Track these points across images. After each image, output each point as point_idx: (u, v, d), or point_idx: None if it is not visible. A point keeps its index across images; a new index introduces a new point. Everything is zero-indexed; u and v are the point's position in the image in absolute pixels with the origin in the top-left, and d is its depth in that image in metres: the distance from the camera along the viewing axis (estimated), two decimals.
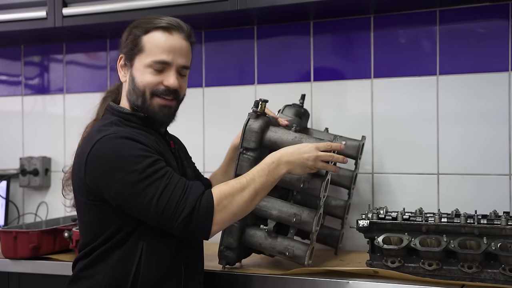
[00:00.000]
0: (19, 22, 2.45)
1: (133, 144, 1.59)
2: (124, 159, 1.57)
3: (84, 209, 1.69)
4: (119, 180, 1.56)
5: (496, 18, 2.14)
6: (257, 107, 1.84)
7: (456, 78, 2.18)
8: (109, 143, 1.59)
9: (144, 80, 1.68)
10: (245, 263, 1.98)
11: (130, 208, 1.58)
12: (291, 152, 1.69)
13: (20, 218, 2.79)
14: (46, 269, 2.10)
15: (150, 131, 1.71)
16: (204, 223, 1.55)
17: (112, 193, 1.58)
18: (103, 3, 2.32)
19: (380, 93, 2.28)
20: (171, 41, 1.69)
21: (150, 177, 1.55)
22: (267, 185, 1.65)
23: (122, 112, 1.71)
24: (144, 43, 1.68)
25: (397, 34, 2.27)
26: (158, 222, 1.56)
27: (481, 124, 2.15)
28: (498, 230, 1.72)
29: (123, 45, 1.74)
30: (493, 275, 1.72)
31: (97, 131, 1.65)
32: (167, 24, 1.70)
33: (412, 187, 2.22)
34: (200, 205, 1.55)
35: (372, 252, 1.85)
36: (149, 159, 1.57)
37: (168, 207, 1.54)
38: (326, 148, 1.72)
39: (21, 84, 2.87)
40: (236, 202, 1.59)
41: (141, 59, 1.69)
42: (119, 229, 1.62)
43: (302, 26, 2.39)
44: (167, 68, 1.69)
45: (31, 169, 2.75)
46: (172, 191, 1.55)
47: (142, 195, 1.55)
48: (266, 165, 1.66)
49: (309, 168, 1.71)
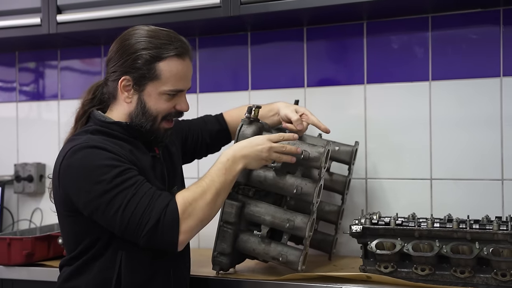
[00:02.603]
0: (14, 28, 2.45)
1: (102, 153, 1.57)
2: (93, 169, 1.55)
3: (62, 220, 1.68)
4: (87, 191, 1.55)
5: (488, 24, 2.15)
6: (250, 113, 1.85)
7: (449, 83, 2.19)
8: (79, 153, 1.57)
9: (159, 107, 1.68)
10: (239, 269, 1.98)
11: (99, 218, 1.57)
12: (244, 146, 1.69)
13: (14, 225, 2.79)
14: (40, 275, 2.10)
15: (132, 140, 1.69)
16: (170, 234, 1.53)
17: (81, 203, 1.57)
18: (97, 10, 2.32)
19: (373, 98, 2.29)
20: (186, 68, 1.70)
21: (117, 187, 1.53)
22: (226, 184, 1.64)
23: (104, 122, 1.69)
24: (161, 71, 1.66)
25: (390, 40, 2.28)
26: (123, 233, 1.55)
27: (474, 129, 2.16)
28: (490, 235, 1.73)
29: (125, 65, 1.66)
30: (485, 280, 1.73)
31: (70, 140, 1.65)
32: (181, 51, 1.68)
33: (405, 192, 2.23)
34: (165, 217, 1.53)
35: (365, 257, 1.86)
36: (118, 168, 1.55)
37: (133, 219, 1.52)
38: (278, 139, 1.73)
39: (16, 91, 2.87)
40: (201, 206, 1.57)
41: (156, 86, 1.67)
42: (96, 239, 1.62)
43: (295, 32, 2.40)
44: (180, 93, 1.71)
45: (25, 176, 2.75)
46: (138, 202, 1.53)
47: (109, 206, 1.53)
48: (222, 164, 1.65)
49: (264, 160, 1.71)
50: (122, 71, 1.67)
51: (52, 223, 2.56)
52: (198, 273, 1.90)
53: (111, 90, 1.72)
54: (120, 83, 1.67)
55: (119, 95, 1.70)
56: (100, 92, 1.77)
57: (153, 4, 2.24)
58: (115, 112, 1.72)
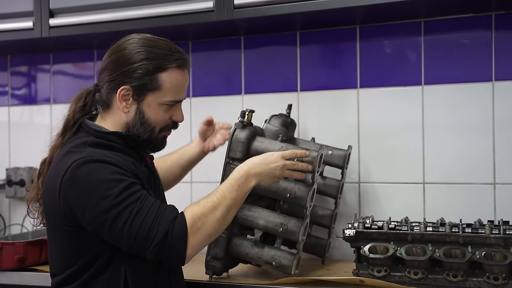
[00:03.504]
0: (6, 32, 2.44)
1: (108, 167, 1.55)
2: (98, 184, 1.53)
3: (58, 235, 1.65)
4: (93, 206, 1.52)
5: (480, 28, 2.16)
6: (243, 117, 1.85)
7: (441, 88, 2.20)
8: (84, 167, 1.54)
9: (158, 118, 1.68)
10: (232, 273, 1.98)
11: (105, 234, 1.54)
12: (258, 164, 1.68)
13: (6, 229, 2.77)
14: (32, 280, 2.08)
15: (129, 151, 1.68)
16: (178, 248, 1.52)
17: (86, 218, 1.54)
18: (89, 14, 2.31)
19: (366, 103, 2.29)
20: (185, 80, 1.71)
21: (123, 202, 1.51)
22: (238, 200, 1.63)
23: (101, 132, 1.67)
24: (162, 82, 1.65)
25: (383, 44, 2.29)
26: (131, 248, 1.53)
27: (466, 134, 2.17)
28: (483, 238, 1.74)
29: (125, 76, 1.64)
30: (478, 284, 1.73)
31: (69, 153, 1.60)
32: (182, 62, 1.69)
33: (398, 196, 2.24)
34: (173, 230, 1.51)
35: (358, 262, 1.86)
36: (124, 183, 1.54)
37: (141, 233, 1.50)
38: (291, 156, 1.73)
39: (8, 95, 2.86)
40: (210, 222, 1.56)
41: (157, 97, 1.66)
42: (96, 255, 1.59)
43: (289, 36, 2.40)
44: (177, 104, 1.71)
45: (17, 180, 2.73)
46: (145, 216, 1.51)
47: (116, 221, 1.51)
48: (235, 180, 1.64)
49: (277, 178, 1.71)
50: (120, 81, 1.65)
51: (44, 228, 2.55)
52: (191, 278, 1.89)
53: (104, 98, 1.70)
54: (119, 92, 1.65)
55: (114, 104, 1.68)
56: (91, 99, 1.74)
57: (146, 9, 2.24)
58: (109, 122, 1.69)
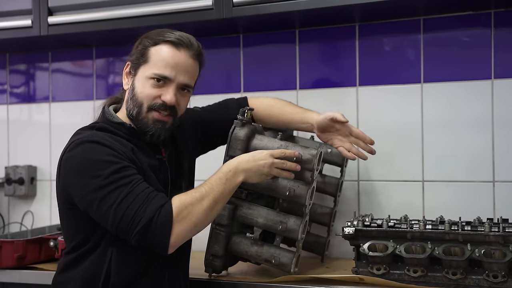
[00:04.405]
0: (4, 30, 2.44)
1: (103, 149, 1.58)
2: (91, 163, 1.56)
3: (61, 212, 1.69)
4: (84, 184, 1.56)
5: (479, 26, 2.16)
6: (243, 115, 1.85)
7: (440, 86, 2.20)
8: (80, 146, 1.59)
9: (144, 92, 1.68)
10: (232, 271, 1.98)
11: (93, 213, 1.57)
12: (247, 160, 1.69)
13: (5, 228, 2.77)
14: (32, 278, 2.08)
15: (134, 140, 1.69)
16: (162, 235, 1.52)
17: (77, 197, 1.58)
18: (88, 12, 2.31)
19: (365, 101, 2.29)
20: (177, 57, 1.68)
21: (113, 184, 1.54)
22: (225, 194, 1.64)
23: (110, 121, 1.71)
24: (151, 55, 1.68)
25: (382, 42, 2.29)
26: (116, 230, 1.55)
27: (465, 132, 2.17)
28: (482, 236, 1.74)
29: (132, 52, 1.73)
30: (477, 282, 1.73)
31: (75, 134, 1.67)
32: (177, 40, 1.68)
33: (397, 194, 2.24)
34: (158, 216, 1.52)
35: (357, 259, 1.86)
36: (116, 165, 1.56)
37: (126, 216, 1.52)
38: (280, 155, 1.73)
39: (7, 93, 2.86)
40: (196, 211, 1.57)
41: (145, 70, 1.68)
42: (90, 235, 1.62)
43: (287, 34, 2.40)
44: (168, 83, 1.68)
45: (16, 178, 2.73)
46: (133, 200, 1.53)
47: (103, 201, 1.53)
48: (223, 174, 1.66)
49: (265, 175, 1.72)
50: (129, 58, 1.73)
51: (43, 226, 2.55)
52: (191, 276, 1.89)
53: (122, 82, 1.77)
54: (124, 69, 1.73)
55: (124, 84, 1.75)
56: None
57: (145, 7, 2.24)
58: (123, 107, 1.75)
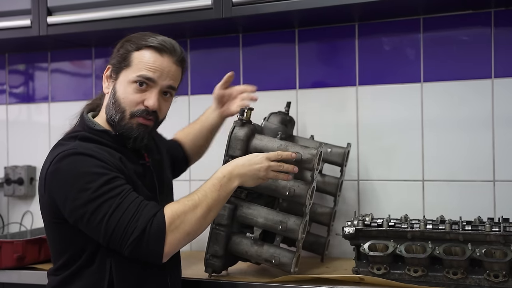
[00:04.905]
0: (3, 30, 2.43)
1: (90, 160, 1.54)
2: (80, 176, 1.52)
3: (47, 227, 1.66)
4: (73, 198, 1.52)
5: (479, 25, 2.16)
6: (242, 115, 1.84)
7: (440, 85, 2.19)
8: (67, 159, 1.55)
9: (127, 97, 1.64)
10: (232, 271, 1.97)
11: (84, 227, 1.54)
12: (242, 164, 1.65)
13: (4, 228, 2.77)
14: (31, 279, 2.08)
15: (119, 147, 1.66)
16: (155, 246, 1.50)
17: (67, 211, 1.54)
18: (87, 12, 2.30)
19: (365, 100, 2.29)
20: (159, 62, 1.65)
21: (103, 196, 1.50)
22: (219, 200, 1.61)
23: (92, 129, 1.67)
24: (133, 59, 1.65)
25: (382, 41, 2.28)
26: (108, 243, 1.52)
27: (465, 131, 2.16)
28: (483, 236, 1.74)
29: (113, 56, 1.70)
30: (478, 281, 1.73)
31: (58, 146, 1.63)
32: (159, 45, 1.66)
33: (397, 194, 2.23)
34: (151, 227, 1.50)
35: (358, 259, 1.86)
36: (105, 176, 1.53)
37: (118, 228, 1.49)
38: (277, 157, 1.69)
39: (6, 93, 2.85)
40: (189, 220, 1.54)
41: (127, 74, 1.65)
42: (82, 249, 1.59)
43: (287, 34, 2.40)
44: (150, 87, 1.65)
45: (15, 178, 2.73)
46: (124, 211, 1.50)
47: (94, 215, 1.50)
48: (217, 180, 1.61)
49: (261, 179, 1.68)
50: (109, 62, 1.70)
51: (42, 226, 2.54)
52: (190, 276, 1.89)
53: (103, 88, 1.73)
54: (105, 73, 1.70)
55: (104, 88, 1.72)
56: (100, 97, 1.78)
57: (144, 6, 2.23)
58: (102, 111, 1.71)
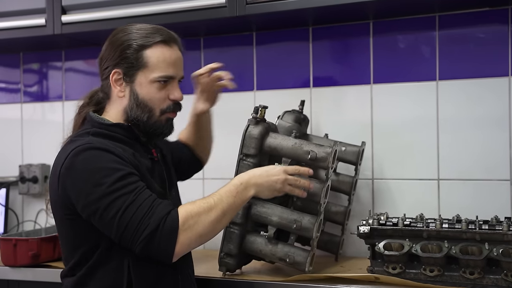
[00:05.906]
0: (18, 29, 2.45)
1: (106, 155, 1.54)
2: (95, 171, 1.52)
3: (60, 224, 1.65)
4: (87, 193, 1.52)
5: (496, 23, 2.14)
6: (256, 113, 1.84)
7: (456, 83, 2.17)
8: (82, 154, 1.54)
9: (153, 96, 1.66)
10: (246, 269, 1.97)
11: (97, 222, 1.53)
12: (259, 175, 1.66)
13: (19, 226, 2.78)
14: (46, 276, 2.09)
15: (133, 142, 1.67)
16: (167, 244, 1.50)
17: (80, 205, 1.54)
18: (102, 11, 2.31)
19: (380, 98, 2.27)
20: (174, 55, 1.69)
21: (117, 191, 1.50)
22: (234, 207, 1.61)
23: (103, 124, 1.66)
24: (148, 58, 1.65)
25: (396, 39, 2.27)
26: (120, 239, 1.51)
27: (481, 129, 2.14)
28: (500, 235, 1.72)
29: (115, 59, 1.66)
30: (495, 281, 1.71)
31: (71, 142, 1.63)
32: (168, 38, 1.68)
33: (412, 193, 2.21)
34: (164, 225, 1.49)
35: (373, 258, 1.85)
36: (121, 172, 1.53)
37: (131, 225, 1.49)
38: (294, 171, 1.70)
39: (20, 92, 2.87)
40: (203, 222, 1.54)
41: (146, 75, 1.65)
42: (95, 246, 1.58)
43: (301, 32, 2.39)
44: (171, 82, 1.68)
45: (30, 177, 2.74)
46: (137, 208, 1.50)
47: (107, 210, 1.50)
48: (234, 186, 1.62)
49: (277, 191, 1.68)
50: (112, 65, 1.67)
51: None
52: (204, 274, 1.89)
53: (105, 89, 1.71)
54: (111, 77, 1.67)
55: (113, 93, 1.69)
56: (97, 96, 1.75)
57: (158, 5, 2.23)
58: (112, 113, 1.70)
